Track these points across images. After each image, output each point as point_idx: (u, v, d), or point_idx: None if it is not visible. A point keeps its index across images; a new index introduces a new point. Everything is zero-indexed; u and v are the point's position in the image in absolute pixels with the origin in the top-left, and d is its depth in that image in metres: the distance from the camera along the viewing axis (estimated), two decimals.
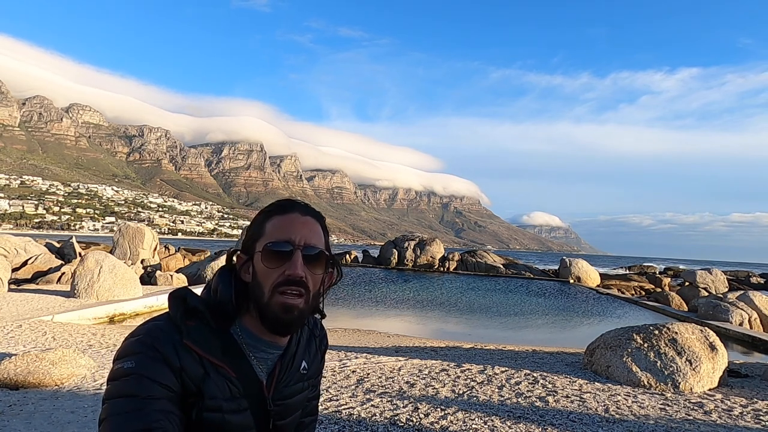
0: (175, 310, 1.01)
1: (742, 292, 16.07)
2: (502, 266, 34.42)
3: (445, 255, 36.24)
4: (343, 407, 4.47)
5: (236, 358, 1.02)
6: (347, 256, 38.36)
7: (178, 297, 1.03)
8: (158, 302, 11.74)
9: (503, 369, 6.46)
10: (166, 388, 0.93)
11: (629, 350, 6.19)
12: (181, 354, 0.96)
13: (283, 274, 0.99)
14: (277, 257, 1.00)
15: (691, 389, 5.70)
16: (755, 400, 5.40)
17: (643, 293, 24.51)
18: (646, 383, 5.81)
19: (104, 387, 1.02)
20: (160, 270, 16.76)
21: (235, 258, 1.08)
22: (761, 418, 4.75)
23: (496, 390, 5.40)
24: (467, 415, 4.42)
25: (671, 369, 5.84)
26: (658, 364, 5.92)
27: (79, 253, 17.80)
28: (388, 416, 4.29)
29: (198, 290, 1.10)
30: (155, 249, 19.79)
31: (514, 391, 5.39)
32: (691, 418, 4.69)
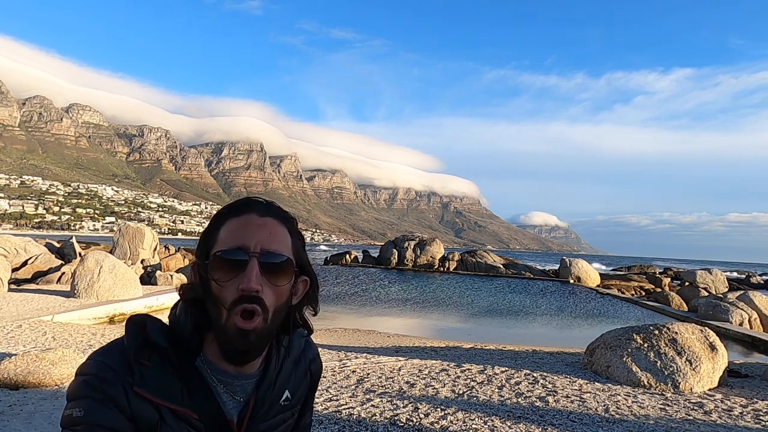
0: (131, 343, 0.87)
1: (742, 292, 16.08)
2: (502, 266, 34.41)
3: (445, 255, 36.20)
4: (343, 407, 4.47)
5: (200, 397, 0.88)
6: (347, 256, 38.35)
7: (137, 325, 0.90)
8: (158, 302, 11.74)
9: (503, 369, 6.46)
10: None
11: (629, 350, 6.19)
12: (131, 398, 0.84)
13: (238, 290, 0.84)
14: (230, 268, 0.85)
15: (691, 389, 5.71)
16: (755, 400, 5.40)
17: (643, 293, 24.50)
18: (646, 383, 5.81)
19: None
20: (160, 270, 16.76)
21: (191, 270, 0.94)
22: (761, 418, 4.75)
23: (496, 390, 5.40)
24: (467, 415, 4.42)
25: (671, 369, 5.84)
26: (658, 364, 5.92)
27: (79, 253, 17.79)
28: (388, 416, 4.29)
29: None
30: (155, 249, 19.79)
31: (514, 391, 5.39)
32: (691, 418, 4.69)
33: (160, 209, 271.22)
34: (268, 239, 0.88)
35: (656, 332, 6.32)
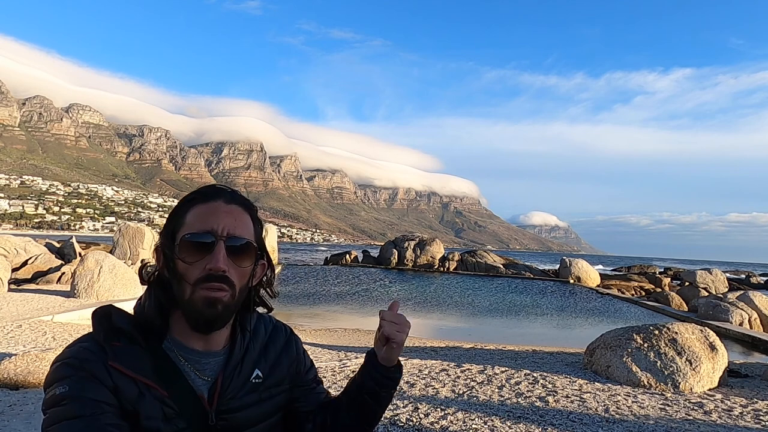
0: (98, 331, 0.93)
1: (742, 292, 16.09)
2: (502, 266, 34.40)
3: (445, 255, 36.20)
4: None
5: (169, 376, 0.93)
6: (347, 256, 38.34)
7: (102, 316, 0.95)
8: None
9: (503, 369, 6.45)
10: (107, 405, 0.86)
11: (629, 350, 6.19)
12: (112, 373, 0.88)
13: (205, 269, 0.91)
14: (197, 250, 0.91)
15: (691, 389, 5.70)
16: (755, 400, 5.40)
17: (643, 293, 24.51)
18: (646, 383, 5.81)
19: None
20: None
21: (154, 253, 1.00)
22: (761, 418, 4.75)
23: (496, 390, 5.40)
24: (467, 415, 4.42)
25: (671, 369, 5.84)
26: (658, 364, 5.92)
27: (79, 253, 17.80)
28: (388, 416, 4.29)
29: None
30: None
31: (514, 391, 5.39)
32: (691, 418, 4.68)
33: (160, 209, 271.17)
34: (233, 224, 0.95)
35: (656, 332, 6.32)
